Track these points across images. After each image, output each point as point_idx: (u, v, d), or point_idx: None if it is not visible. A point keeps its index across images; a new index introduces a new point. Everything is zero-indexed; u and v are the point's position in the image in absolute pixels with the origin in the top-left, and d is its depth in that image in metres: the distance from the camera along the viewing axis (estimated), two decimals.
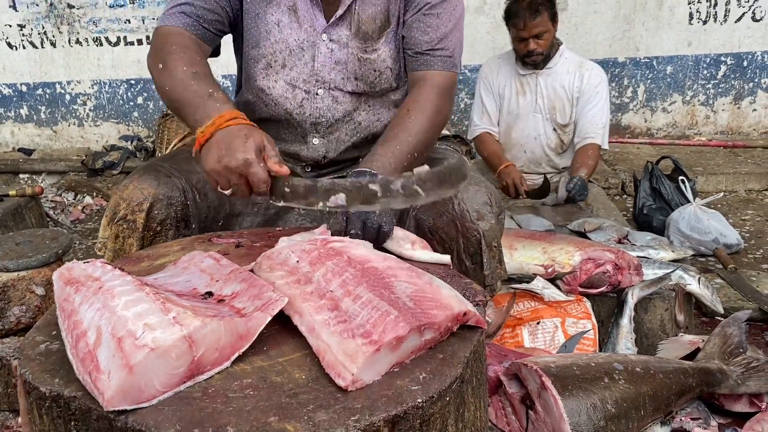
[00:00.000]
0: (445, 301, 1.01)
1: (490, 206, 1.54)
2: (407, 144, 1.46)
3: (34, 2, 4.69)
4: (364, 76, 1.65)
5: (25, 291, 1.67)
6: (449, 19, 1.62)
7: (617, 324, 2.03)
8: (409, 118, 1.52)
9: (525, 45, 2.96)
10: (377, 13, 1.62)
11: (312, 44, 1.62)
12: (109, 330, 0.93)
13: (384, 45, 1.64)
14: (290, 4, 1.60)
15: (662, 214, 3.15)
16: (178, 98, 1.42)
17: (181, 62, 1.45)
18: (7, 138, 5.04)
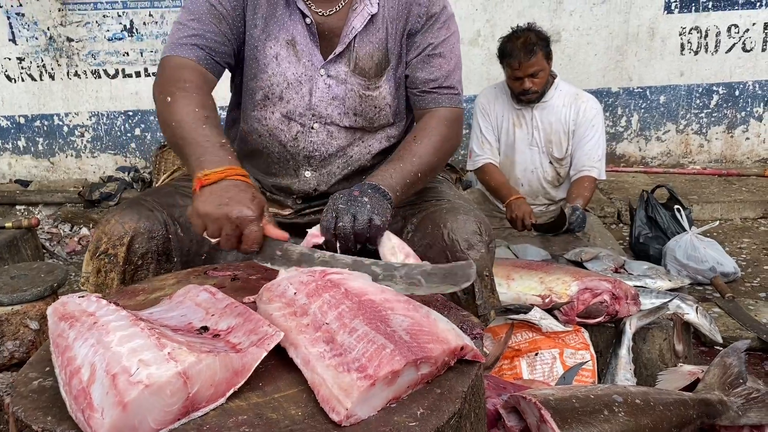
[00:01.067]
0: (442, 335, 1.00)
1: (479, 235, 1.53)
2: (412, 164, 1.51)
3: (34, 36, 4.74)
4: (364, 112, 1.67)
5: (20, 325, 1.66)
6: (451, 57, 1.67)
7: (616, 354, 2.02)
8: (416, 143, 1.57)
9: (520, 84, 2.97)
10: (375, 51, 1.64)
11: (310, 78, 1.63)
12: (104, 366, 0.92)
13: (385, 83, 1.66)
14: (289, 38, 1.62)
15: (658, 243, 3.16)
16: (184, 136, 1.40)
17: (193, 102, 1.45)
18: (4, 170, 5.04)
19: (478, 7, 4.73)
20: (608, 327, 2.10)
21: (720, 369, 1.80)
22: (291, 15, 1.62)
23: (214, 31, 1.57)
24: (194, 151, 1.37)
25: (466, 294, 1.52)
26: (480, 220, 1.56)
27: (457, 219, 1.53)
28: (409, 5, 1.64)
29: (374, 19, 1.63)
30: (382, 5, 1.63)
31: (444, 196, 1.67)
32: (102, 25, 4.74)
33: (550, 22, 4.65)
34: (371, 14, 1.61)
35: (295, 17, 1.62)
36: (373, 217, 1.33)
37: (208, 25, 1.57)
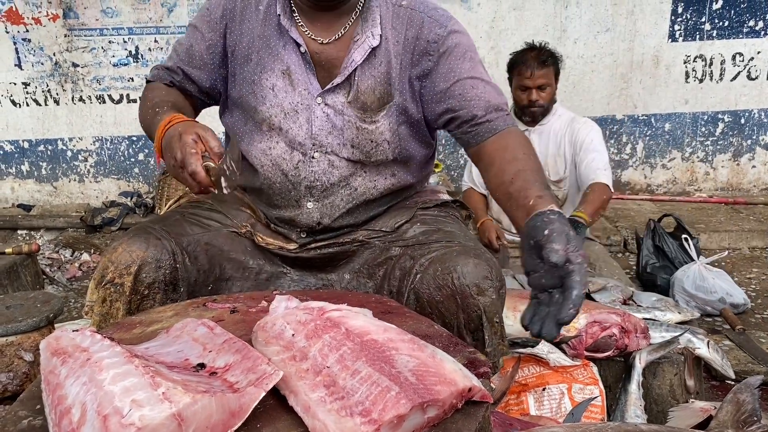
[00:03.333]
0: (450, 376, 0.95)
1: (490, 280, 1.47)
2: (543, 182, 1.35)
3: (40, 61, 4.76)
4: (360, 144, 1.62)
5: (13, 357, 1.62)
6: (486, 84, 1.57)
7: (625, 390, 1.96)
8: (537, 165, 1.43)
9: (528, 95, 2.98)
10: (377, 85, 1.58)
11: (307, 107, 1.60)
12: (95, 407, 0.88)
13: (384, 118, 1.60)
14: (284, 68, 1.59)
15: (666, 273, 3.11)
16: (147, 132, 1.55)
17: (145, 104, 1.58)
18: (7, 194, 5.04)
19: (483, 35, 4.74)
20: (617, 361, 2.05)
21: (733, 406, 1.75)
22: (285, 45, 1.58)
23: (185, 69, 1.67)
24: (150, 136, 1.50)
25: (475, 341, 1.47)
26: (491, 264, 1.50)
27: (467, 263, 1.47)
28: (417, 42, 1.57)
29: (376, 52, 1.57)
30: (385, 38, 1.57)
31: (454, 238, 1.61)
32: (107, 51, 4.77)
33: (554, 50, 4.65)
34: (372, 47, 1.56)
35: (289, 47, 1.58)
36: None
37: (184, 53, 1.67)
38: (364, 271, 1.70)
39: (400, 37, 1.57)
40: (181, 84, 1.68)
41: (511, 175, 1.38)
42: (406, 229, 1.72)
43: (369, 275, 1.69)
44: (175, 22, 4.72)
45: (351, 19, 1.58)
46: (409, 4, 1.59)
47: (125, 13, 4.70)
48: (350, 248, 1.71)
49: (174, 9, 4.70)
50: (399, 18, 1.58)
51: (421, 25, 1.56)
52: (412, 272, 1.56)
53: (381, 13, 1.57)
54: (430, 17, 1.57)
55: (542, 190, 1.29)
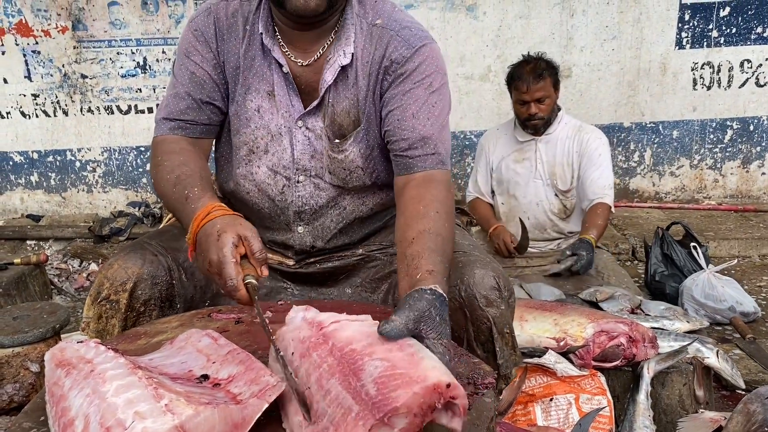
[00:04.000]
0: (419, 373, 0.89)
1: (499, 291, 1.44)
2: (449, 256, 1.30)
3: (49, 73, 4.80)
4: (335, 172, 1.57)
5: (20, 368, 1.62)
6: (428, 118, 1.48)
7: (634, 400, 1.94)
8: (445, 225, 1.34)
9: (526, 108, 2.99)
10: (350, 107, 1.53)
11: (289, 130, 1.55)
12: (98, 419, 0.88)
13: (352, 146, 1.55)
14: (269, 89, 1.54)
15: (675, 281, 3.09)
16: (170, 210, 1.44)
17: (164, 173, 1.45)
18: (16, 205, 5.07)
19: (489, 43, 4.74)
20: (625, 371, 2.03)
21: (743, 416, 1.73)
22: (269, 65, 1.53)
23: (191, 96, 1.54)
24: (182, 220, 1.37)
25: (486, 353, 1.45)
26: (498, 273, 1.47)
27: (474, 273, 1.44)
28: (382, 61, 1.50)
29: (347, 71, 1.51)
30: (357, 57, 1.50)
31: (458, 248, 1.56)
32: (116, 62, 4.80)
33: (561, 58, 4.65)
34: (342, 65, 1.49)
35: (273, 67, 1.53)
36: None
37: (185, 94, 1.54)
38: (366, 285, 1.68)
39: (369, 57, 1.51)
40: (194, 124, 1.56)
41: (413, 235, 1.30)
42: None
43: (372, 290, 1.67)
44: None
45: (329, 40, 1.52)
46: (384, 23, 1.51)
47: (133, 25, 4.74)
48: (351, 262, 1.69)
49: (181, 20, 4.73)
50: (371, 37, 1.51)
51: (389, 43, 1.49)
52: None
53: (356, 31, 1.51)
54: (400, 36, 1.50)
55: (435, 264, 1.21)
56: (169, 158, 1.48)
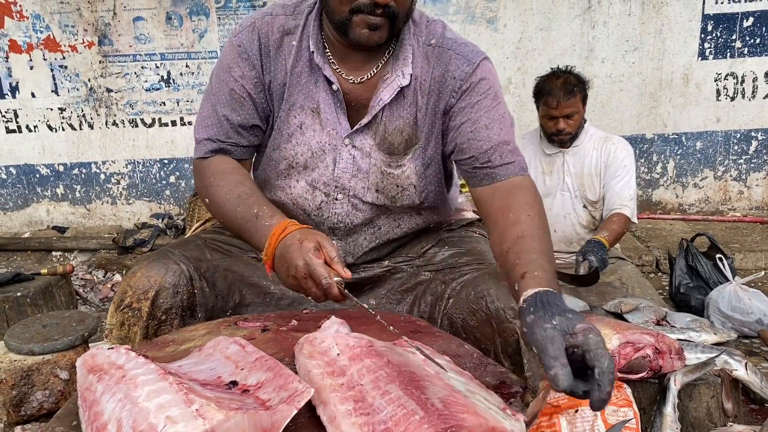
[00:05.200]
0: (481, 413, 0.94)
1: None
2: (553, 260, 1.26)
3: (75, 87, 4.89)
4: (385, 189, 1.57)
5: (49, 375, 1.64)
6: (500, 128, 1.49)
7: (660, 412, 1.91)
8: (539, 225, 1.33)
9: (555, 124, 2.96)
10: (404, 126, 1.53)
11: (334, 148, 1.55)
12: (130, 423, 0.89)
13: (410, 161, 1.56)
14: (314, 107, 1.54)
15: (700, 293, 3.05)
16: (234, 228, 1.45)
17: (223, 190, 1.46)
18: (42, 216, 5.15)
19: (509, 56, 4.75)
20: (651, 383, 2.00)
21: None
22: (316, 82, 1.53)
23: (229, 121, 1.53)
24: (248, 238, 1.41)
25: (513, 365, 1.45)
26: None
27: (501, 286, 1.45)
28: (443, 79, 1.52)
29: (405, 91, 1.52)
30: (415, 77, 1.51)
31: (485, 258, 1.58)
32: (140, 76, 4.88)
33: (582, 70, 4.57)
34: (401, 86, 1.50)
35: (321, 84, 1.52)
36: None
37: (223, 116, 1.53)
38: (391, 296, 1.68)
39: (428, 76, 1.52)
40: (236, 146, 1.56)
41: (510, 243, 1.28)
42: (435, 253, 1.70)
43: (397, 301, 1.67)
44: (206, 47, 4.82)
45: (383, 59, 1.53)
46: (438, 42, 1.53)
47: (157, 39, 4.82)
48: (377, 274, 1.70)
49: (204, 35, 4.80)
50: (428, 57, 1.53)
51: (449, 62, 1.51)
52: (444, 297, 1.55)
53: (413, 52, 1.52)
54: (458, 54, 1.52)
55: (535, 267, 1.16)
56: (224, 178, 1.49)
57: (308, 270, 1.25)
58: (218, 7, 4.74)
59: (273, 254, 1.31)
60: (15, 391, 1.62)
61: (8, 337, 1.69)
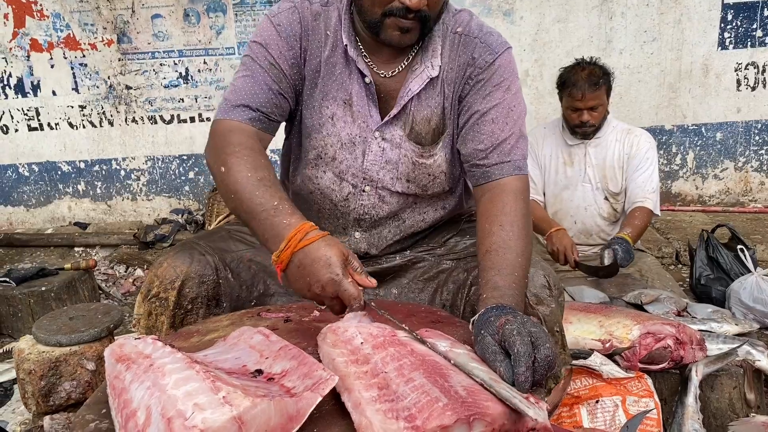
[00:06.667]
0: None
1: (549, 289, 1.46)
2: (521, 267, 1.33)
3: (95, 85, 4.95)
4: (417, 179, 1.59)
5: (77, 366, 1.67)
6: (506, 123, 1.49)
7: (682, 403, 1.91)
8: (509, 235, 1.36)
9: (578, 115, 2.93)
10: (432, 115, 1.55)
11: (363, 140, 1.56)
12: (159, 410, 0.91)
13: (441, 150, 1.57)
14: (346, 98, 1.55)
15: (721, 285, 3.02)
16: (244, 209, 1.34)
17: (245, 167, 1.36)
18: (64, 213, 5.22)
19: (526, 48, 4.73)
20: (673, 374, 2.00)
21: None
22: (350, 74, 1.54)
23: (270, 89, 1.49)
24: (257, 227, 1.32)
25: None
26: (548, 272, 1.49)
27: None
28: (466, 66, 1.53)
29: (434, 82, 1.53)
30: (443, 68, 1.53)
31: None
32: (159, 73, 4.92)
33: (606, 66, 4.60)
34: (430, 77, 1.52)
35: (354, 76, 1.54)
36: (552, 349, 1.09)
37: (264, 84, 1.49)
38: (413, 285, 1.70)
39: (454, 64, 1.53)
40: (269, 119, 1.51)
41: (480, 257, 1.37)
42: (456, 242, 1.72)
43: (419, 290, 1.68)
44: (223, 44, 4.85)
45: (413, 52, 1.54)
46: (465, 30, 1.54)
47: (175, 37, 4.85)
48: (399, 264, 1.71)
49: (222, 31, 4.83)
50: (454, 45, 1.54)
51: (474, 50, 1.52)
52: (467, 284, 1.56)
53: (442, 43, 1.53)
54: (483, 42, 1.52)
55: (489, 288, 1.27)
56: (250, 154, 1.40)
57: (336, 290, 1.21)
58: (235, 3, 4.77)
59: (289, 258, 1.25)
60: (43, 381, 1.65)
61: (36, 329, 1.73)
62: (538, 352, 1.04)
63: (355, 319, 1.23)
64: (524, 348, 1.03)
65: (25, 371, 1.67)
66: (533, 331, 1.07)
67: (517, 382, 1.02)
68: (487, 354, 1.08)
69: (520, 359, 1.02)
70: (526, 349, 1.03)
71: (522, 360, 1.02)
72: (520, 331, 1.06)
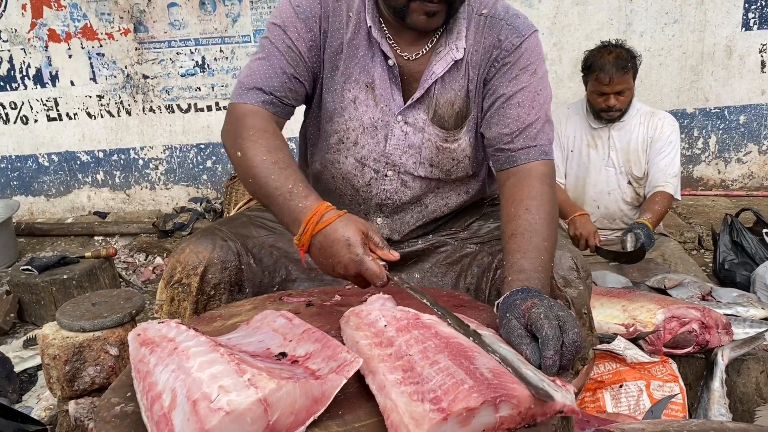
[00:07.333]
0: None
1: (576, 271, 1.45)
2: (547, 251, 1.31)
3: (113, 74, 4.96)
4: (440, 163, 1.57)
5: (100, 351, 1.69)
6: (532, 107, 1.48)
7: (708, 387, 1.89)
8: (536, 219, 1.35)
9: (605, 100, 2.88)
10: (456, 98, 1.53)
11: (386, 124, 1.54)
12: (184, 392, 0.91)
13: (465, 134, 1.55)
14: (368, 81, 1.53)
15: (746, 270, 2.98)
16: (262, 194, 1.36)
17: (260, 150, 1.37)
18: (84, 202, 5.27)
19: (545, 31, 4.66)
20: (698, 358, 1.97)
21: None
22: (373, 57, 1.52)
23: (285, 73, 1.48)
24: (276, 211, 1.34)
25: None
26: (575, 254, 1.48)
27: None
28: (492, 49, 1.50)
29: (458, 64, 1.51)
30: (468, 50, 1.51)
31: None
32: (175, 62, 4.93)
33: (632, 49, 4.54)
34: (455, 60, 1.50)
35: (377, 59, 1.52)
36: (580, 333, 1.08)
37: (278, 68, 1.48)
38: (436, 270, 1.68)
39: (479, 46, 1.51)
40: (284, 103, 1.51)
41: (505, 240, 1.36)
42: (480, 226, 1.70)
43: (442, 274, 1.67)
44: (239, 31, 4.84)
45: (437, 34, 1.52)
46: (490, 12, 1.52)
47: (191, 25, 4.85)
48: (421, 248, 1.70)
49: (238, 19, 4.82)
50: (479, 27, 1.52)
51: (500, 32, 1.50)
52: (492, 268, 1.55)
53: (467, 25, 1.51)
54: (510, 25, 1.51)
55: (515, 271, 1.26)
56: (263, 136, 1.40)
57: (358, 269, 1.22)
58: None
59: (309, 241, 1.25)
60: (68, 366, 1.66)
61: (60, 315, 1.74)
62: (565, 336, 1.03)
63: (378, 302, 1.23)
64: (552, 332, 1.02)
65: (49, 356, 1.69)
66: (561, 315, 1.05)
67: (544, 366, 1.01)
68: (513, 337, 1.07)
69: (548, 343, 1.01)
70: (555, 333, 1.02)
71: (550, 344, 1.01)
72: (548, 314, 1.05)
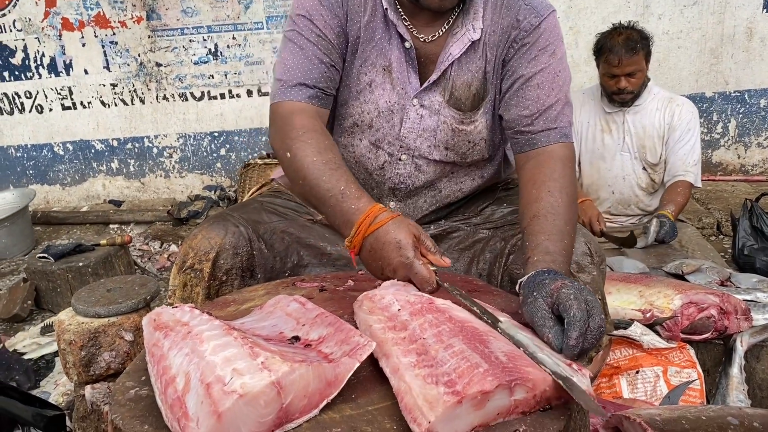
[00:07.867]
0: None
1: (590, 257, 1.43)
2: (569, 235, 1.30)
3: (126, 62, 4.97)
4: (456, 146, 1.56)
5: (115, 337, 1.70)
6: (552, 88, 1.45)
7: (726, 374, 1.87)
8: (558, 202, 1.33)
9: (616, 82, 2.86)
10: (473, 80, 1.51)
11: (402, 108, 1.53)
12: (198, 376, 0.91)
13: (482, 116, 1.54)
14: (386, 64, 1.52)
15: (766, 255, 2.93)
16: (314, 195, 1.34)
17: (310, 151, 1.35)
18: (99, 191, 5.30)
19: (561, 15, 4.60)
20: (716, 344, 1.95)
21: None
22: (390, 39, 1.50)
23: (322, 63, 1.47)
24: (327, 213, 1.33)
25: None
26: (589, 239, 1.46)
27: None
28: (510, 29, 1.48)
29: (475, 46, 1.49)
30: (485, 31, 1.49)
31: None
32: (188, 50, 4.93)
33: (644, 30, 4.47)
34: (472, 41, 1.48)
35: (394, 41, 1.50)
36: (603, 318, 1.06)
37: (315, 58, 1.46)
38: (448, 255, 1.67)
39: (497, 27, 1.49)
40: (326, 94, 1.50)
41: (526, 222, 1.33)
42: (493, 211, 1.69)
43: (455, 260, 1.66)
44: (252, 18, 4.83)
45: (454, 14, 1.51)
46: None
47: (204, 12, 4.84)
48: (434, 233, 1.69)
49: (250, 6, 4.81)
50: (497, 7, 1.50)
51: (518, 12, 1.48)
52: (505, 253, 1.53)
53: (483, 5, 1.49)
54: (528, 5, 1.48)
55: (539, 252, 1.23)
56: (313, 137, 1.39)
57: (408, 272, 1.20)
58: None
59: (360, 244, 1.24)
60: (84, 351, 1.67)
61: (75, 301, 1.75)
62: (591, 320, 1.01)
63: (392, 287, 1.22)
64: (580, 314, 1.00)
65: (65, 342, 1.70)
66: (589, 300, 1.03)
67: (567, 346, 0.99)
68: (536, 318, 1.05)
69: (575, 324, 0.99)
70: (582, 315, 1.00)
71: (577, 325, 0.99)
72: (577, 296, 1.03)
